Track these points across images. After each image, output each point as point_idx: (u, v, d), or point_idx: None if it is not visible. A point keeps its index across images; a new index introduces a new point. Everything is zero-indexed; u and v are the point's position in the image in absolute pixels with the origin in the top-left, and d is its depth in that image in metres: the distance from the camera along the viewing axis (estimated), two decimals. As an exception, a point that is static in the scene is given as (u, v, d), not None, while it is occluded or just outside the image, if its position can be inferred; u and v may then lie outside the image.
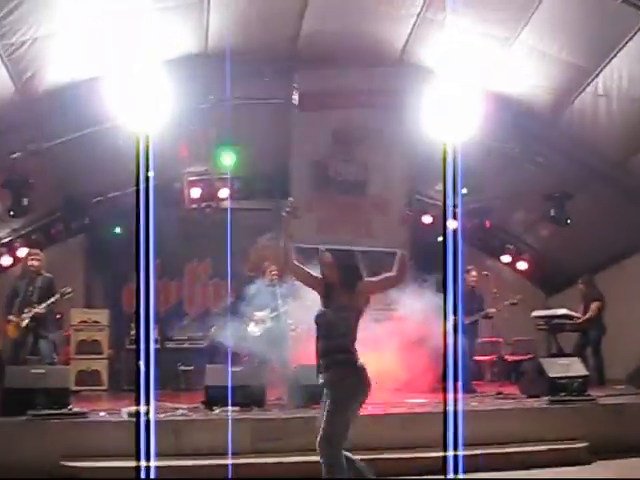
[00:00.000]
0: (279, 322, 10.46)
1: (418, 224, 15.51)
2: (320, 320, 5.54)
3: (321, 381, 5.53)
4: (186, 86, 10.52)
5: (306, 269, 5.72)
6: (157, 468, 6.88)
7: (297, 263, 5.68)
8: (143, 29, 9.39)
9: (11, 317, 9.89)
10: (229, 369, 9.53)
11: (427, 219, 15.44)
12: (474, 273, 12.12)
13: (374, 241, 4.83)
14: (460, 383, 9.20)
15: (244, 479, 7.38)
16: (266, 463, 7.73)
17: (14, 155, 11.23)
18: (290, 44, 10.99)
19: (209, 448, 7.88)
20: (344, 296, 5.46)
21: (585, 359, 11.41)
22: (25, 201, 12.32)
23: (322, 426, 5.30)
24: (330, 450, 5.23)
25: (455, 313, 10.92)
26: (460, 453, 7.34)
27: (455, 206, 13.57)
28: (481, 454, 7.84)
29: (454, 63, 10.38)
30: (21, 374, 8.83)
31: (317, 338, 5.55)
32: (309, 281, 5.74)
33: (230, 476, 7.39)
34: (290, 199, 5.66)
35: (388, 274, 5.57)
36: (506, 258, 15.93)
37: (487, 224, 15.10)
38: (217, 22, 10.19)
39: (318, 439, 5.28)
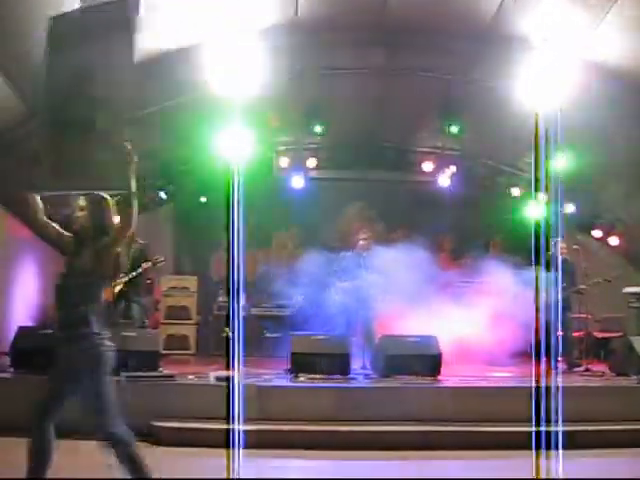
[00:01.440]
0: (364, 291, 10.47)
1: (504, 197, 15.38)
2: (60, 285, 4.97)
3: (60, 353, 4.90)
4: (277, 56, 10.57)
5: (55, 226, 5.02)
6: (242, 432, 7.04)
7: (46, 219, 4.96)
8: (234, -1, 9.45)
9: (105, 282, 10.13)
10: (315, 337, 9.64)
11: (515, 191, 15.24)
12: (562, 245, 11.70)
13: (106, 182, 4.41)
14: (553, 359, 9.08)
15: (326, 446, 7.47)
16: (348, 431, 7.81)
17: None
18: (378, 13, 10.88)
19: (292, 414, 8.01)
20: (89, 259, 4.85)
21: (678, 338, 11.08)
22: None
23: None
24: (33, 415, 4.70)
25: (547, 288, 10.74)
26: (548, 429, 7.28)
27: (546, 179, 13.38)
28: (567, 431, 7.74)
29: (547, 31, 10.13)
30: (114, 337, 9.08)
31: (56, 306, 5.03)
32: (57, 240, 5.04)
33: (311, 443, 7.51)
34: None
35: (118, 224, 4.96)
36: (597, 233, 15.55)
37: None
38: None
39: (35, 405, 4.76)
